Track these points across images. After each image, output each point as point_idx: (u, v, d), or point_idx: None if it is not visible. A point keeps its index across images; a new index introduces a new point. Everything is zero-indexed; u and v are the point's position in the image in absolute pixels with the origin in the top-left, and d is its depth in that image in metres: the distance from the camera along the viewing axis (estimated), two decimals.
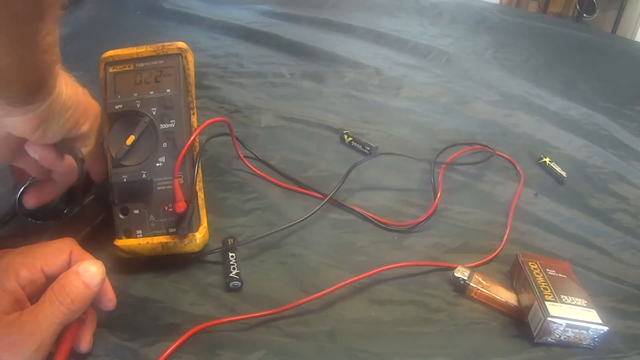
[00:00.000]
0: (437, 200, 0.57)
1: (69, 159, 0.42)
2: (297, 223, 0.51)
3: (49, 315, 0.33)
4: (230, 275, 0.46)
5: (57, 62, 0.34)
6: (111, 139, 0.46)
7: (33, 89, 0.33)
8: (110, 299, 0.39)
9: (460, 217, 0.58)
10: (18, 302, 0.34)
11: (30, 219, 0.47)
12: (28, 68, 0.31)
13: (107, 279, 0.38)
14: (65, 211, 0.48)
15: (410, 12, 1.15)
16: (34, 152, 0.39)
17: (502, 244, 0.54)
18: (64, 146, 0.41)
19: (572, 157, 0.71)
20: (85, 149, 0.43)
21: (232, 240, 0.50)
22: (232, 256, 0.48)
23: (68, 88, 0.37)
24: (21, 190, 0.46)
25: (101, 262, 0.37)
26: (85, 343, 0.38)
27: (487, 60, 0.96)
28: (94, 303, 0.38)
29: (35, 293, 0.35)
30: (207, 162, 0.61)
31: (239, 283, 0.46)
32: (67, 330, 0.36)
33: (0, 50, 0.28)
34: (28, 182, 0.46)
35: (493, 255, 0.53)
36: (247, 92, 0.79)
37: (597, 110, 0.80)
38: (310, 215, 0.52)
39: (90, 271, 0.36)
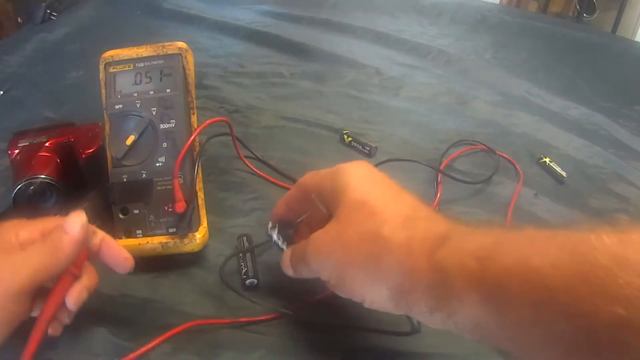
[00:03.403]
0: (437, 200, 0.57)
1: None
2: None
3: (32, 257, 0.34)
4: (249, 274, 0.46)
5: None
6: (111, 139, 0.46)
7: None
8: (126, 258, 0.38)
9: (460, 217, 0.58)
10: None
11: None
12: None
13: (114, 241, 0.38)
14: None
15: (410, 12, 1.14)
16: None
17: None
18: None
19: (572, 157, 0.71)
20: None
21: (246, 238, 0.50)
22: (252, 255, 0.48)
23: None
24: (17, 188, 0.46)
25: (82, 211, 0.36)
26: (73, 299, 0.36)
27: (487, 60, 0.96)
28: (111, 267, 0.38)
29: None
30: (207, 162, 0.61)
31: (255, 280, 0.46)
32: (57, 284, 0.36)
33: None
34: (24, 181, 0.46)
35: None
36: (247, 92, 0.79)
37: (597, 110, 0.80)
38: None
39: (70, 219, 0.36)
